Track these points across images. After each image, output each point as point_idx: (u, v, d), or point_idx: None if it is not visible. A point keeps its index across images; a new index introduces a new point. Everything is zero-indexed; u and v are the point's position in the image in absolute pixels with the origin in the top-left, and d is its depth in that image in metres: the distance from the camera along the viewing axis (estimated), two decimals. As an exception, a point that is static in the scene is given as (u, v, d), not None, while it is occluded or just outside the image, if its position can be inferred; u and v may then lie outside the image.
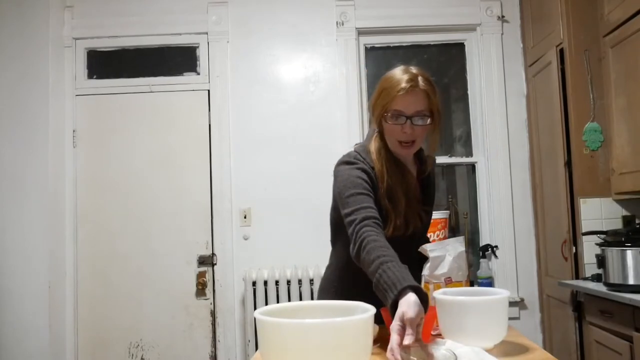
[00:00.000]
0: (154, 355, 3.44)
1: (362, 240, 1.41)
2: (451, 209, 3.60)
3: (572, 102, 2.94)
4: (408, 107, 1.53)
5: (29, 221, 3.27)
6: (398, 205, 1.56)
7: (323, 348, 0.92)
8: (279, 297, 3.31)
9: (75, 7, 3.60)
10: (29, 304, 3.23)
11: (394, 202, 1.56)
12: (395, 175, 1.58)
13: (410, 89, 1.51)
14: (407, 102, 1.52)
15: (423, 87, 1.53)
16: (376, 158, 1.59)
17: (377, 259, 1.35)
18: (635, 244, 2.47)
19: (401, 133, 1.54)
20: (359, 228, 1.43)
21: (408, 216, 1.57)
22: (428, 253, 1.60)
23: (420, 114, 1.54)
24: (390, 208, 1.55)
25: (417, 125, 1.54)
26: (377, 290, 1.32)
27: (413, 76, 1.53)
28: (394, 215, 1.55)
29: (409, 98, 1.52)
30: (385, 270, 1.31)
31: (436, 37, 3.69)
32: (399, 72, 1.56)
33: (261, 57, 3.60)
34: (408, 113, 1.53)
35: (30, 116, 3.33)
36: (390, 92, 1.53)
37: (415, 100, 1.53)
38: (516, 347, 1.33)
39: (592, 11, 2.94)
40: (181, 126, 3.56)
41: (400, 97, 1.52)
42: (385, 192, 1.55)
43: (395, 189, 1.57)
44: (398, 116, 1.53)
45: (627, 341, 2.34)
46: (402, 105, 1.52)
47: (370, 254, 1.37)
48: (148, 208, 3.50)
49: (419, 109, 1.53)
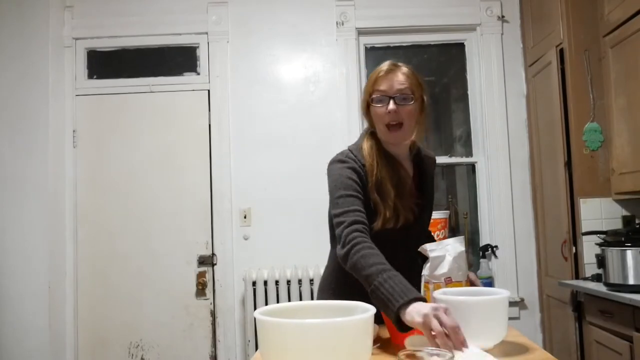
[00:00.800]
0: (154, 355, 3.44)
1: (354, 244, 1.43)
2: (451, 209, 3.60)
3: (572, 102, 2.94)
4: (390, 87, 1.58)
5: (29, 221, 3.27)
6: (387, 198, 1.58)
7: (323, 348, 0.92)
8: (279, 297, 3.31)
9: (75, 7, 3.60)
10: (29, 304, 3.23)
11: (382, 195, 1.59)
12: (385, 169, 1.61)
13: (390, 70, 1.59)
14: (389, 81, 1.58)
15: (404, 71, 1.60)
16: (367, 154, 1.63)
17: (376, 265, 1.36)
18: (635, 244, 2.47)
19: (386, 114, 1.58)
20: (349, 231, 1.46)
21: (398, 209, 1.59)
22: (428, 253, 1.60)
23: (403, 93, 1.58)
24: (379, 201, 1.58)
25: (401, 105, 1.57)
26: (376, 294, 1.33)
27: (395, 62, 1.62)
28: (383, 207, 1.58)
29: (390, 77, 1.59)
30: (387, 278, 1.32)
31: (436, 37, 3.69)
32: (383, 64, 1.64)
33: (261, 57, 3.60)
34: (391, 93, 1.58)
35: (30, 116, 3.33)
36: (372, 77, 1.62)
37: (396, 79, 1.58)
38: (516, 347, 1.33)
39: (592, 11, 2.94)
40: (181, 126, 3.56)
41: (381, 78, 1.59)
42: (374, 186, 1.59)
43: (384, 183, 1.59)
44: (382, 97, 1.59)
45: (627, 341, 2.34)
46: (384, 85, 1.59)
47: (366, 259, 1.39)
48: (148, 208, 3.50)
49: (400, 88, 1.58)
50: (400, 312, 1.25)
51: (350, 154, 1.63)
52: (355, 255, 1.41)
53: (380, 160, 1.61)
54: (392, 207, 1.58)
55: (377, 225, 1.55)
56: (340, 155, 1.65)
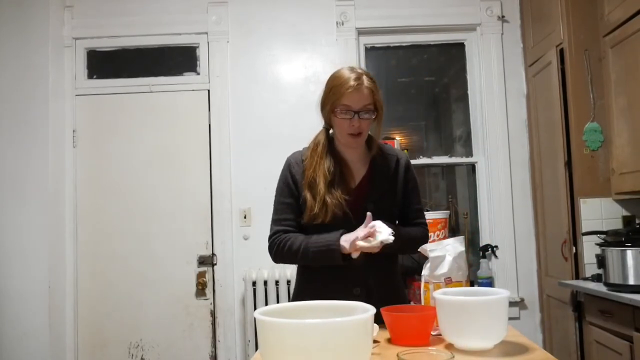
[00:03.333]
0: (154, 355, 3.44)
1: (276, 246, 1.76)
2: (451, 209, 3.59)
3: (572, 102, 2.94)
4: (356, 103, 1.71)
5: (29, 221, 3.27)
6: (317, 195, 1.72)
7: (323, 348, 0.92)
8: (279, 297, 3.31)
9: (75, 7, 3.60)
10: (29, 304, 3.23)
11: (314, 191, 1.74)
12: (323, 167, 1.75)
13: (357, 87, 1.70)
14: (355, 98, 1.70)
15: (368, 85, 1.72)
16: (309, 153, 1.80)
17: (299, 242, 1.71)
18: (635, 244, 2.47)
19: (350, 126, 1.72)
20: (272, 240, 1.77)
21: (327, 205, 1.71)
22: (428, 253, 1.60)
23: (366, 109, 1.72)
24: (309, 197, 1.73)
25: (364, 119, 1.72)
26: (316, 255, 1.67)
27: (359, 75, 1.73)
28: (313, 202, 1.73)
29: (356, 95, 1.70)
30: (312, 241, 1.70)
31: (436, 37, 3.69)
32: (346, 71, 1.75)
33: (261, 57, 3.60)
34: (356, 108, 1.71)
35: (30, 116, 3.33)
36: (339, 90, 1.72)
37: (362, 96, 1.71)
38: (516, 347, 1.33)
39: (592, 11, 2.94)
40: (181, 126, 3.56)
41: (348, 94, 1.70)
42: (306, 183, 1.76)
43: (317, 181, 1.74)
44: (347, 111, 1.71)
45: (627, 341, 2.34)
46: (350, 101, 1.71)
47: (290, 245, 1.72)
48: (148, 208, 3.50)
49: (365, 104, 1.72)
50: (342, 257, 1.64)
51: (298, 154, 1.85)
52: (283, 250, 1.74)
53: (320, 159, 1.77)
54: (320, 202, 1.71)
55: (304, 219, 1.74)
56: (293, 154, 1.87)
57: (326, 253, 1.66)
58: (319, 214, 1.70)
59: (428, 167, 3.76)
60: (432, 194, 3.84)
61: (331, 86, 1.76)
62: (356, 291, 1.71)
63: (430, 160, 3.67)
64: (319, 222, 1.71)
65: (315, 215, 1.70)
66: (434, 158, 3.68)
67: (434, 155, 3.71)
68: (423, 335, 1.37)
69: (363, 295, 1.69)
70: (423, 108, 4.00)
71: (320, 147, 1.80)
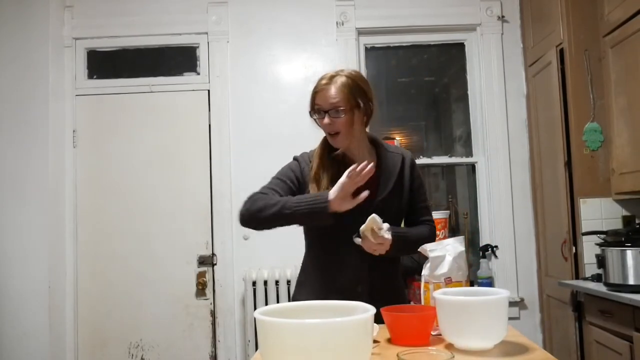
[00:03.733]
0: (154, 355, 3.44)
1: (253, 197, 1.73)
2: (451, 209, 3.59)
3: (572, 102, 2.94)
4: (325, 102, 1.75)
5: (29, 221, 3.27)
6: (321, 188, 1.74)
7: (323, 348, 0.92)
8: (279, 297, 3.31)
9: (75, 7, 3.60)
10: (29, 304, 3.23)
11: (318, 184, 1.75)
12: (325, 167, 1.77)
13: (325, 86, 1.75)
14: (324, 97, 1.75)
15: (341, 83, 1.74)
16: (314, 155, 1.83)
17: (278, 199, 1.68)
18: (635, 244, 2.47)
19: (325, 126, 1.77)
20: (253, 194, 1.74)
21: None
22: (428, 253, 1.60)
23: (335, 107, 1.73)
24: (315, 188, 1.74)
25: (335, 117, 1.73)
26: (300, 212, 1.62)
27: (333, 74, 1.77)
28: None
29: (323, 93, 1.75)
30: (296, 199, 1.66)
31: (436, 37, 3.69)
32: (325, 74, 1.80)
33: (261, 57, 3.60)
34: (325, 107, 1.75)
35: (30, 116, 3.33)
36: (313, 91, 1.79)
37: (329, 95, 1.74)
38: (516, 347, 1.33)
39: (592, 11, 2.94)
40: (181, 126, 3.56)
41: (317, 94, 1.76)
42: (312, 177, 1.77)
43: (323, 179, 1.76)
44: (318, 111, 1.77)
45: (627, 341, 2.34)
46: (320, 100, 1.76)
47: (270, 199, 1.69)
48: (148, 208, 3.50)
49: (332, 102, 1.73)
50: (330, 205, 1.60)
51: (305, 154, 1.87)
52: (254, 203, 1.70)
53: (323, 160, 1.79)
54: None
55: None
56: (301, 154, 1.89)
57: (314, 203, 1.63)
58: None
59: (428, 167, 3.76)
60: (432, 194, 3.84)
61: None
62: (360, 288, 1.71)
63: (430, 160, 3.67)
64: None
65: None
66: (434, 158, 3.68)
67: (434, 155, 3.71)
68: (423, 335, 1.37)
69: (366, 294, 1.69)
70: (423, 108, 4.00)
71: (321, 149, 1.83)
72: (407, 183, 1.84)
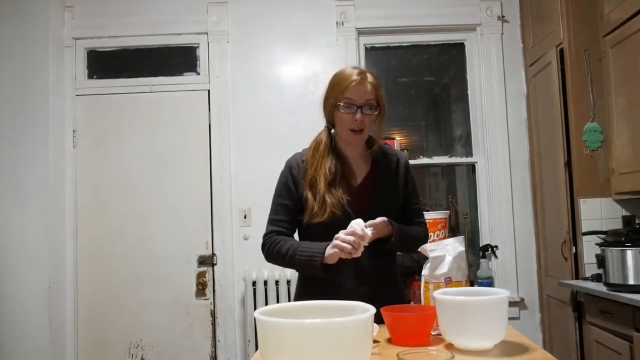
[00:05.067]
0: (154, 355, 3.44)
1: (269, 245, 1.76)
2: (451, 209, 3.59)
3: (572, 102, 2.94)
4: (359, 97, 1.71)
5: (29, 221, 3.27)
6: (317, 194, 1.72)
7: (323, 348, 0.92)
8: (279, 297, 3.31)
9: (75, 7, 3.60)
10: (29, 304, 3.23)
11: (313, 190, 1.73)
12: (324, 166, 1.75)
13: (360, 81, 1.71)
14: (358, 92, 1.71)
15: (371, 81, 1.74)
16: (311, 153, 1.80)
17: (288, 246, 1.71)
18: (635, 244, 2.47)
19: (352, 121, 1.72)
20: (265, 239, 1.79)
21: (325, 204, 1.71)
22: (428, 253, 1.60)
23: (369, 104, 1.73)
24: (310, 196, 1.73)
25: (366, 114, 1.72)
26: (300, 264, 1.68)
27: (362, 71, 1.75)
28: (313, 201, 1.72)
29: (359, 88, 1.71)
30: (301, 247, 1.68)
31: (436, 37, 3.69)
32: (348, 69, 1.78)
33: (261, 57, 3.60)
34: (359, 102, 1.71)
35: (30, 116, 3.33)
36: (342, 84, 1.73)
37: (365, 90, 1.72)
38: (516, 347, 1.33)
39: (592, 11, 2.94)
40: (181, 126, 3.56)
41: (351, 88, 1.71)
42: (308, 182, 1.75)
43: (318, 180, 1.73)
44: (350, 105, 1.71)
45: (627, 341, 2.34)
46: (353, 95, 1.71)
47: (280, 247, 1.72)
48: (148, 208, 3.50)
49: (368, 98, 1.72)
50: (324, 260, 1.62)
51: (298, 155, 1.85)
52: (273, 251, 1.75)
53: (322, 159, 1.76)
54: (320, 202, 1.71)
55: (305, 218, 1.73)
56: (293, 155, 1.86)
57: (309, 263, 1.66)
58: (317, 213, 1.70)
59: (428, 167, 3.76)
60: (432, 194, 3.84)
61: (334, 82, 1.77)
62: (362, 289, 1.71)
63: (430, 160, 3.67)
64: (317, 221, 1.70)
65: (314, 214, 1.70)
66: (434, 158, 3.68)
67: (434, 155, 3.71)
68: (423, 335, 1.37)
69: (370, 294, 1.68)
70: (423, 108, 4.00)
71: (322, 146, 1.79)
72: (401, 184, 1.84)
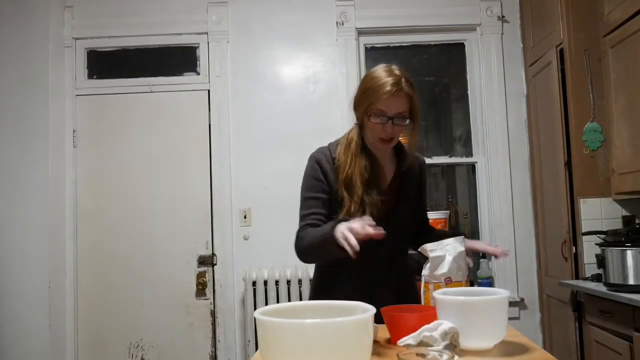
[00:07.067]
0: (154, 355, 3.44)
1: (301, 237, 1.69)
2: (451, 209, 3.60)
3: (572, 102, 2.94)
4: (390, 109, 1.64)
5: (29, 221, 3.27)
6: (354, 194, 1.66)
7: (323, 348, 0.92)
8: (279, 297, 3.31)
9: (75, 7, 3.60)
10: (29, 304, 3.23)
11: (350, 190, 1.67)
12: (358, 166, 1.69)
13: (395, 93, 1.62)
14: (390, 104, 1.64)
15: (406, 91, 1.65)
16: (343, 150, 1.73)
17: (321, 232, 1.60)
18: (635, 244, 2.47)
19: (382, 131, 1.67)
20: (299, 232, 1.71)
21: (364, 204, 1.66)
22: (428, 253, 1.60)
23: (401, 115, 1.66)
24: (346, 196, 1.67)
25: (397, 125, 1.67)
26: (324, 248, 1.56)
27: (397, 79, 1.63)
28: (350, 202, 1.66)
29: (392, 101, 1.63)
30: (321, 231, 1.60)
31: (436, 37, 3.69)
32: (383, 73, 1.66)
33: (261, 57, 3.60)
34: (390, 114, 1.65)
35: (30, 116, 3.33)
36: (374, 93, 1.64)
37: (398, 103, 1.64)
38: (516, 347, 1.33)
39: (592, 11, 2.94)
40: (181, 126, 3.56)
41: (384, 100, 1.63)
42: (343, 181, 1.68)
43: (354, 179, 1.68)
44: (380, 116, 1.65)
45: (627, 341, 2.34)
46: (385, 107, 1.64)
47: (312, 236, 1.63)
48: (148, 208, 3.50)
49: (400, 111, 1.66)
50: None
51: (326, 150, 1.77)
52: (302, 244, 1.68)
53: (355, 157, 1.70)
54: (358, 202, 1.66)
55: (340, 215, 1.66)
56: (317, 151, 1.78)
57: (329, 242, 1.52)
58: (356, 214, 1.63)
59: (428, 167, 3.76)
60: (432, 194, 3.84)
61: (367, 87, 1.68)
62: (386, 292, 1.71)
63: (430, 160, 3.67)
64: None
65: (353, 215, 1.63)
66: (434, 158, 3.68)
67: (434, 155, 3.71)
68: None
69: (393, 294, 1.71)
70: (423, 108, 3.96)
71: (353, 144, 1.73)
72: (421, 187, 1.87)
